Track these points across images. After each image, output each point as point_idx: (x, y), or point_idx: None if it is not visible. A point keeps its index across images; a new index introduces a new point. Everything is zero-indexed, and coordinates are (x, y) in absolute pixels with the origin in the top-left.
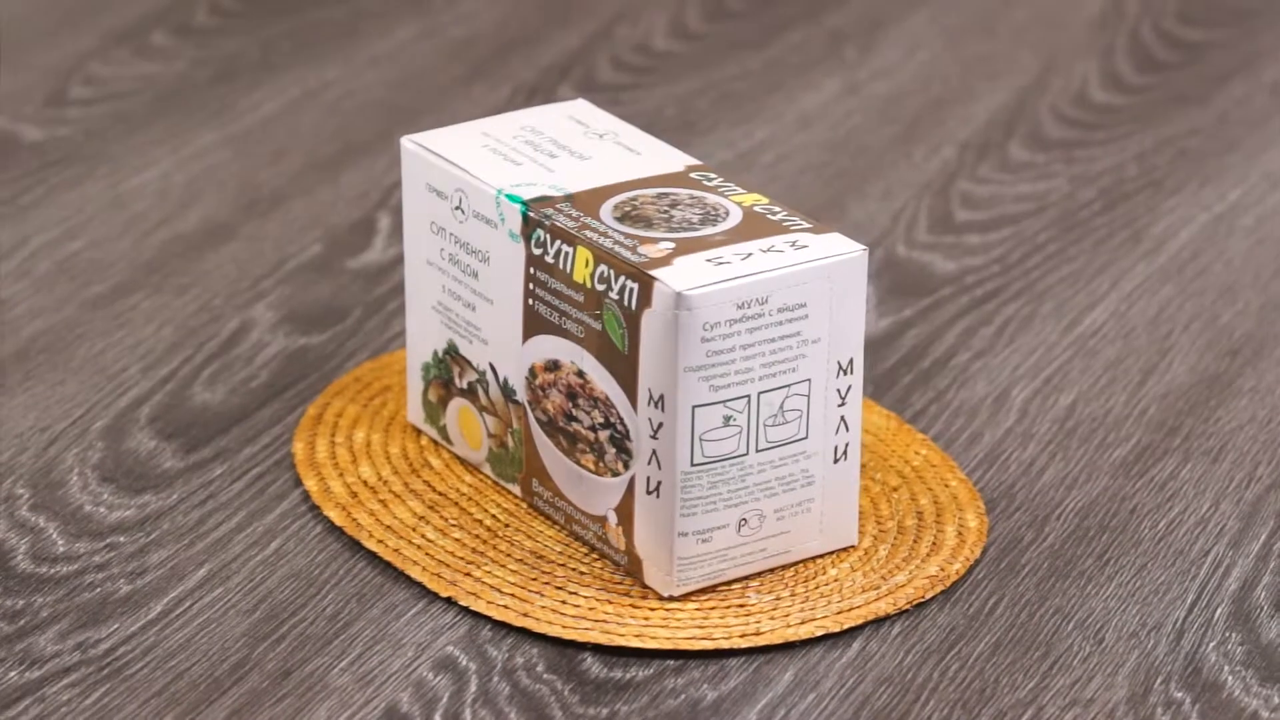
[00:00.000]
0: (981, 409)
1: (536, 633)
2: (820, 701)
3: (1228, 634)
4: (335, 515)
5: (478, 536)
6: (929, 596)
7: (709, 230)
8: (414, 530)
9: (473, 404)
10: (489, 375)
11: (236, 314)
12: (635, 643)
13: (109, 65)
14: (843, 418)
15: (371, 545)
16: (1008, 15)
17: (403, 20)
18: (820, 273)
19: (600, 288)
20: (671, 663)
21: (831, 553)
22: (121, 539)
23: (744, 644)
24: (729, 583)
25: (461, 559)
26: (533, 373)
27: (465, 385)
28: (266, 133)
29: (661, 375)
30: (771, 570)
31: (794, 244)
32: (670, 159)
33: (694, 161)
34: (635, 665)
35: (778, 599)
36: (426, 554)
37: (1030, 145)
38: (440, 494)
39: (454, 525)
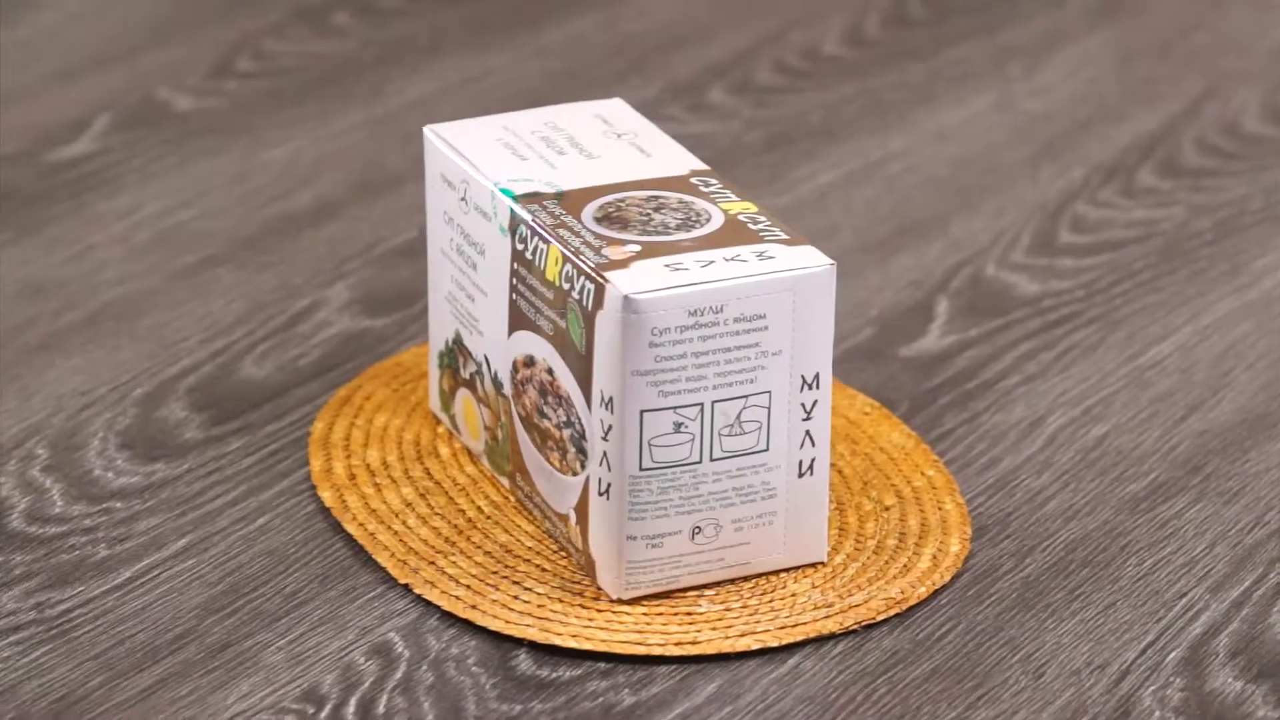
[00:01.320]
0: (1010, 434)
1: (479, 625)
2: (735, 715)
3: (1172, 679)
4: (327, 496)
5: (455, 527)
6: (880, 618)
7: (682, 235)
8: (396, 516)
9: (473, 395)
10: (484, 367)
11: (313, 292)
12: (571, 643)
13: (282, 41)
14: (808, 432)
15: (351, 528)
16: (1188, 39)
17: (583, 12)
18: (781, 285)
19: (566, 286)
20: (603, 665)
21: (798, 568)
22: (118, 505)
23: (677, 652)
24: (685, 590)
25: (432, 548)
26: (515, 367)
27: (467, 376)
28: (408, 116)
29: (611, 377)
30: (732, 581)
31: (760, 254)
32: (678, 162)
33: (700, 166)
34: (566, 665)
35: (727, 609)
36: (401, 540)
37: (1161, 172)
38: (435, 482)
39: (437, 514)
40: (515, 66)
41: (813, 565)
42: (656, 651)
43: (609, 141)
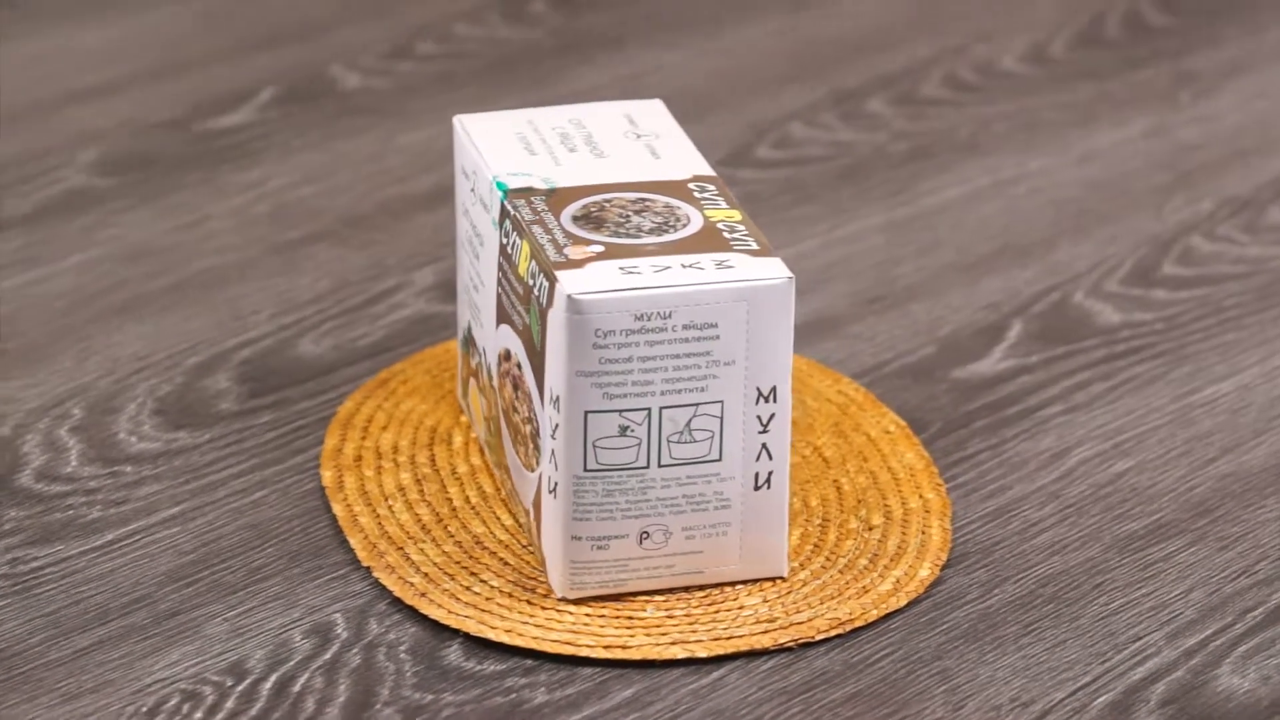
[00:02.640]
0: (1031, 463)
1: (421, 613)
2: None
3: None
4: (327, 475)
5: (437, 515)
6: (820, 638)
7: (651, 239)
8: (385, 500)
9: (477, 384)
10: (484, 357)
11: (400, 275)
12: (503, 638)
13: (472, 25)
14: (765, 445)
15: (337, 508)
16: None
17: (777, 14)
18: (733, 295)
19: (531, 283)
20: (529, 662)
21: (755, 581)
22: (128, 469)
23: (605, 655)
24: (635, 593)
25: (407, 534)
26: (499, 360)
27: (474, 365)
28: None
29: (558, 376)
30: (687, 589)
31: (720, 263)
32: (684, 166)
33: (706, 172)
34: (494, 660)
35: (669, 616)
36: (380, 524)
37: None
38: (435, 470)
39: (425, 501)
40: (686, 64)
41: (772, 580)
42: (584, 653)
43: (625, 142)
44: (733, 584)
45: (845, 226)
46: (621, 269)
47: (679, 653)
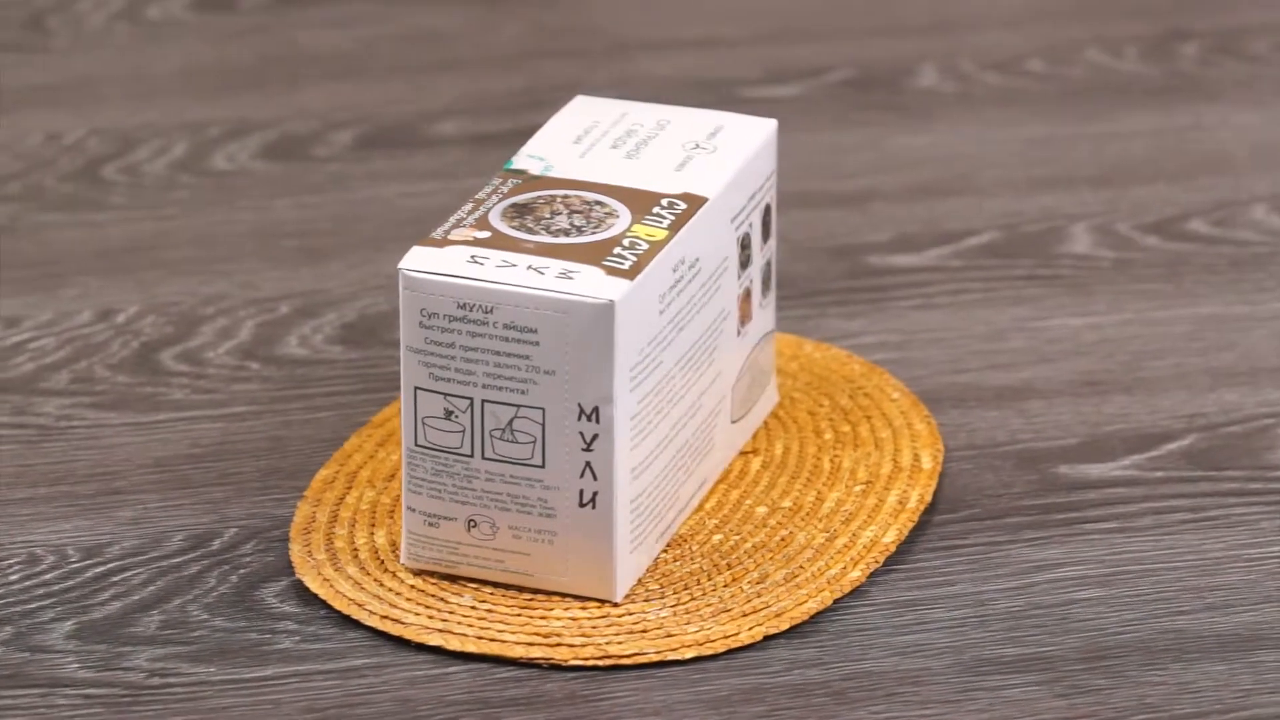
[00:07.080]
0: (1005, 569)
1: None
2: (325, 690)
3: None
4: (384, 412)
5: None
6: (570, 663)
7: (543, 238)
8: (396, 444)
9: None
10: None
11: None
12: (314, 588)
13: (1107, 54)
14: (589, 464)
15: (351, 441)
16: None
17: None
18: (551, 304)
19: None
20: (321, 614)
21: (585, 598)
22: (253, 367)
23: (376, 625)
24: (470, 579)
25: (371, 479)
26: None
27: None
28: (948, 148)
29: (401, 349)
30: (520, 589)
31: (564, 272)
32: (689, 184)
33: (703, 194)
34: (293, 604)
35: (475, 607)
36: (357, 463)
37: None
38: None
39: None
40: (1245, 125)
41: (601, 601)
42: (362, 618)
43: (673, 150)
44: (562, 595)
45: (1168, 310)
46: (472, 258)
47: (437, 640)
